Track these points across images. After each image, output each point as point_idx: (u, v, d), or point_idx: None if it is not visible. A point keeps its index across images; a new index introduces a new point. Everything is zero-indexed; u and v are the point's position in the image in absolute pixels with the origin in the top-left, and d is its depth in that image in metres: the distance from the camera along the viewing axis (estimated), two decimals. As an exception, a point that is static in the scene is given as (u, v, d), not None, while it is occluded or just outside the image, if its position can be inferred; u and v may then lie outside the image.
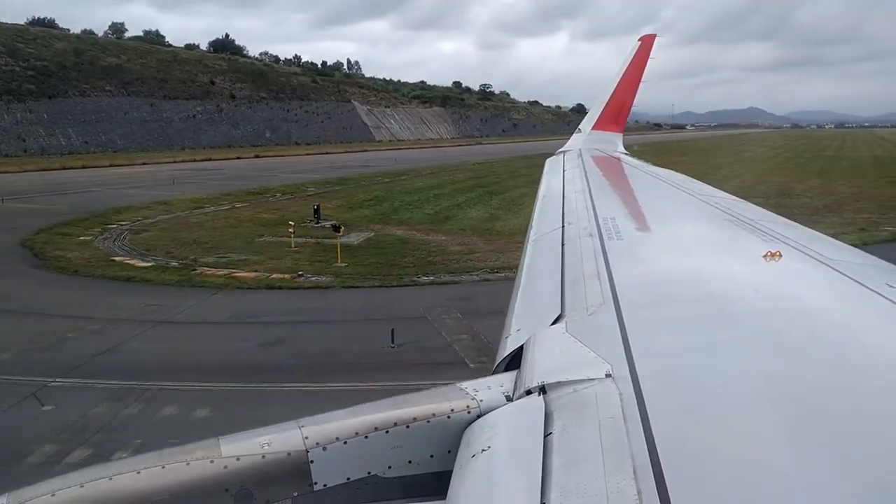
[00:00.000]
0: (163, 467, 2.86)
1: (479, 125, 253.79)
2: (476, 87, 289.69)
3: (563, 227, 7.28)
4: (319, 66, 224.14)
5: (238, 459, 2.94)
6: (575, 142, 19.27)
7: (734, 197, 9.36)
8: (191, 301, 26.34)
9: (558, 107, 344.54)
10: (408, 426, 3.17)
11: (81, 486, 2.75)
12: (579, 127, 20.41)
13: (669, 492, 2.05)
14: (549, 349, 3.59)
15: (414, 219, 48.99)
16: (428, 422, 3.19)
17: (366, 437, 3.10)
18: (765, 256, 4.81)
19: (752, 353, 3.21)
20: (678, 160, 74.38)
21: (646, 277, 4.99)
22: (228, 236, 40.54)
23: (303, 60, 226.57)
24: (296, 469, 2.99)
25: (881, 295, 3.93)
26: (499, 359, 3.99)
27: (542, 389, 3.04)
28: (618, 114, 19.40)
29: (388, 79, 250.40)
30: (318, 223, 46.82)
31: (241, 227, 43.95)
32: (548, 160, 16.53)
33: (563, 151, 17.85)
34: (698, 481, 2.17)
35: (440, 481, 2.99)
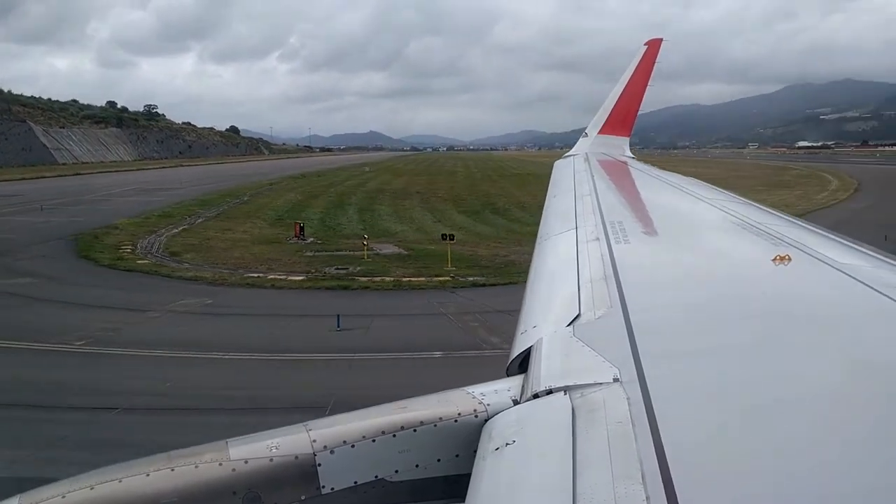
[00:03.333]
0: (172, 469, 2.89)
1: (156, 147, 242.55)
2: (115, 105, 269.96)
3: (570, 229, 7.29)
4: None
5: (246, 462, 2.96)
6: (582, 146, 19.79)
7: (742, 199, 9.56)
8: (459, 299, 31.24)
9: (212, 128, 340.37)
10: (415, 430, 3.17)
11: (91, 489, 2.80)
12: (585, 131, 20.67)
13: (678, 498, 2.01)
14: (557, 353, 3.55)
15: (361, 234, 52.95)
16: (435, 426, 3.20)
17: (373, 440, 3.11)
18: (774, 260, 4.80)
19: (761, 358, 3.19)
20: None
21: (653, 281, 5.01)
22: (269, 253, 43.61)
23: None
24: (303, 472, 3.01)
25: (893, 300, 3.89)
26: (510, 360, 3.98)
27: (550, 394, 3.04)
28: (624, 118, 19.71)
29: (37, 96, 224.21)
30: (304, 240, 50.38)
31: (255, 247, 46.59)
32: (556, 163, 17.27)
33: (571, 155, 18.55)
34: (707, 487, 2.13)
35: (448, 485, 3.09)
